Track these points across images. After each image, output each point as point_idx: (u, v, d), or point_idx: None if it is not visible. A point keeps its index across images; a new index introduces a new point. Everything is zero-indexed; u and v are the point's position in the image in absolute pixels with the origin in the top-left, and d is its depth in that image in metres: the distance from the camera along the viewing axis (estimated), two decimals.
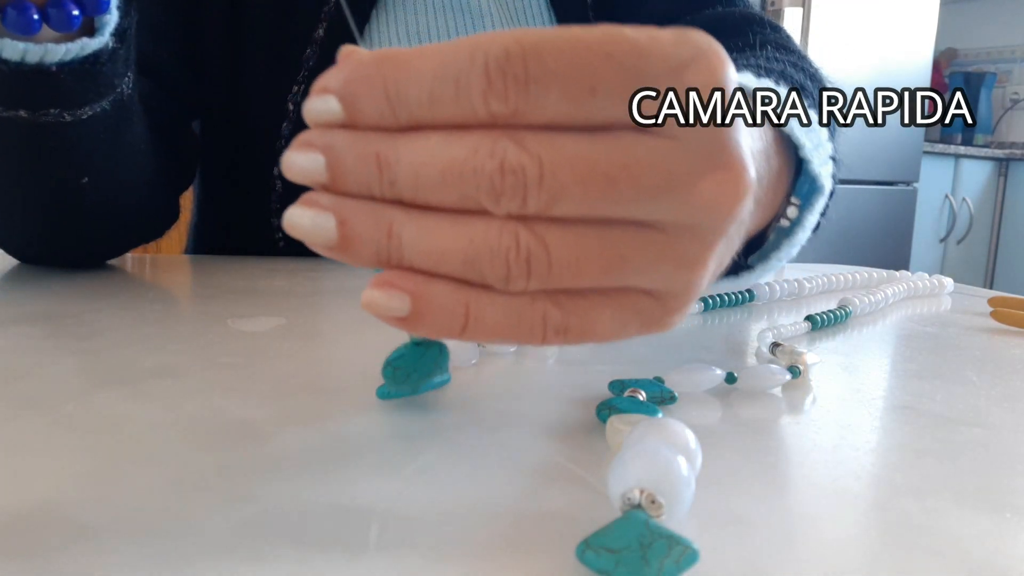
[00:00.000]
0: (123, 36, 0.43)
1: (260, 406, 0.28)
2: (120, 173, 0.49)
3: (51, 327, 0.37)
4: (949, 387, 0.34)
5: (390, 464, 0.23)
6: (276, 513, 0.20)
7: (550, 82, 0.18)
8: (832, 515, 0.21)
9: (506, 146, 0.19)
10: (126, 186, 0.51)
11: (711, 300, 0.48)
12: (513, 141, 0.19)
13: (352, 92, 0.19)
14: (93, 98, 0.43)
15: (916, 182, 2.75)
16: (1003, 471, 0.25)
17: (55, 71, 0.40)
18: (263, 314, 0.42)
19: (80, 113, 0.43)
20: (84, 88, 0.42)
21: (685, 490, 0.19)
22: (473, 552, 0.18)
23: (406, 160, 0.19)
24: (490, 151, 0.19)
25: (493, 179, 0.19)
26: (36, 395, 0.28)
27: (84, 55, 0.41)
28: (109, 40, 0.42)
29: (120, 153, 0.48)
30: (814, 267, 0.69)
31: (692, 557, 0.17)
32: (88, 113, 0.43)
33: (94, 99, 0.43)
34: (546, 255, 0.19)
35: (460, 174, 0.19)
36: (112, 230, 0.53)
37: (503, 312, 0.20)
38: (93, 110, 0.43)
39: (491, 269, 0.20)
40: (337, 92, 0.19)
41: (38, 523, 0.19)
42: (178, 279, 0.56)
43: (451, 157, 0.19)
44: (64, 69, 0.40)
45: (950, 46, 3.62)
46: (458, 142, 0.19)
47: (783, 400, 0.31)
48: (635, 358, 0.37)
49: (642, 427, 0.22)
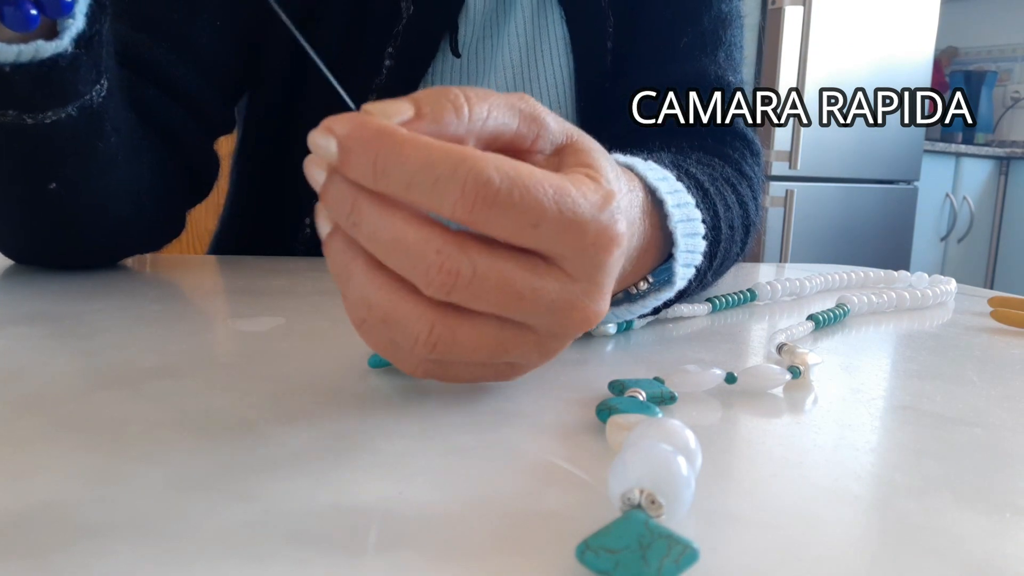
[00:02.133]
0: (89, 43, 0.42)
1: (260, 406, 0.28)
2: (95, 182, 0.48)
3: (51, 327, 0.37)
4: (949, 387, 0.34)
5: (390, 464, 0.23)
6: (276, 513, 0.20)
7: (509, 211, 0.23)
8: (832, 515, 0.21)
9: (451, 249, 0.23)
10: (105, 195, 0.50)
11: (718, 301, 0.48)
12: (457, 246, 0.24)
13: (348, 147, 0.23)
14: (55, 103, 0.42)
15: (917, 181, 2.75)
16: (1003, 471, 0.25)
17: (8, 72, 0.39)
18: (263, 314, 0.42)
19: (42, 117, 0.42)
20: (42, 92, 0.41)
21: (685, 490, 0.19)
22: (473, 552, 0.18)
23: (370, 217, 0.24)
24: (437, 247, 0.23)
25: (430, 270, 0.23)
26: (36, 395, 0.28)
27: (40, 59, 0.40)
28: (69, 46, 0.41)
29: (93, 162, 0.47)
30: (813, 267, 0.69)
31: (692, 557, 0.17)
32: (51, 118, 0.42)
33: (56, 104, 0.42)
34: (452, 341, 0.25)
35: (406, 251, 0.23)
36: (93, 238, 0.52)
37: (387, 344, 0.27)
38: (57, 115, 0.43)
39: (403, 337, 0.25)
40: (337, 140, 0.23)
41: (38, 523, 0.19)
42: (178, 279, 0.56)
43: (404, 234, 0.23)
44: (18, 71, 0.40)
45: (951, 45, 3.62)
46: (415, 227, 0.23)
47: (783, 400, 0.31)
48: (635, 358, 0.37)
49: (642, 427, 0.22)
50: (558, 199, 0.24)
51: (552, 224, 0.24)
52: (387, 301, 0.25)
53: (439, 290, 0.24)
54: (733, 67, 0.66)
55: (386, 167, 0.23)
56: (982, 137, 3.41)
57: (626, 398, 0.28)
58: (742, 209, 0.50)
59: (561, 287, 0.25)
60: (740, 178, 0.54)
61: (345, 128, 0.23)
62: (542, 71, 0.68)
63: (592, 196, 0.25)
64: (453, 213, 0.23)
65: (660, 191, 0.37)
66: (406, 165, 0.23)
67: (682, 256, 0.39)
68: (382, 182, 0.23)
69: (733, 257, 0.51)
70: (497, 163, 0.23)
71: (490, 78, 0.67)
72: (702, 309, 0.47)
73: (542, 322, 0.26)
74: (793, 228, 2.38)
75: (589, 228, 0.25)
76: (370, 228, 0.24)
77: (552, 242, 0.24)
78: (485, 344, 0.26)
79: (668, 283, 0.39)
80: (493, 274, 0.24)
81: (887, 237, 2.69)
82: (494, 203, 0.23)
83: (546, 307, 0.25)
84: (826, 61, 2.32)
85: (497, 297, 0.24)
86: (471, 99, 0.25)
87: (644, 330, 0.43)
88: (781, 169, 2.34)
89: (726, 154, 0.57)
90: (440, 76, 0.66)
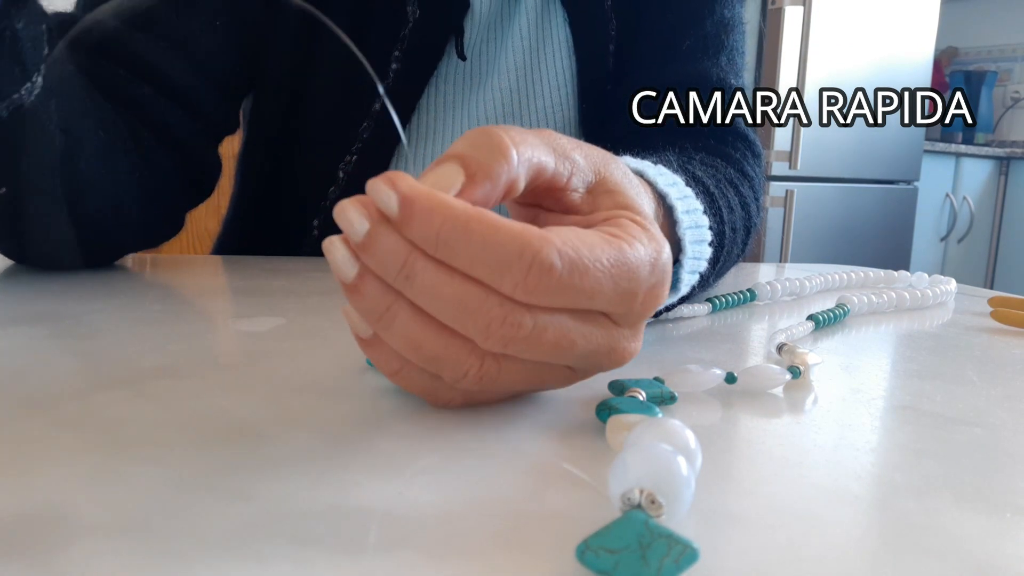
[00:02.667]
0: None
1: (260, 406, 0.28)
2: (49, 180, 0.48)
3: (51, 327, 0.37)
4: (949, 387, 0.34)
5: (390, 464, 0.23)
6: (276, 513, 0.20)
7: (568, 290, 0.24)
8: (832, 515, 0.21)
9: (512, 305, 0.24)
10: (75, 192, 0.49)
11: (718, 301, 0.48)
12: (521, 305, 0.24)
13: (411, 211, 0.23)
14: None
15: (917, 181, 2.75)
16: (1003, 471, 0.25)
17: None
18: (263, 314, 0.42)
19: None
20: None
21: (685, 490, 0.19)
22: (473, 552, 0.18)
23: (427, 275, 0.23)
24: (499, 302, 0.23)
25: (491, 324, 0.23)
26: (36, 395, 0.28)
27: None
28: None
29: (39, 160, 0.47)
30: (813, 267, 0.69)
31: (692, 557, 0.17)
32: None
33: None
34: (496, 378, 0.25)
35: (465, 307, 0.23)
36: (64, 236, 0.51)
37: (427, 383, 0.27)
38: None
39: (450, 372, 0.25)
40: (399, 198, 0.23)
41: (38, 523, 0.19)
42: (178, 279, 0.56)
43: (466, 293, 0.23)
44: None
45: (951, 45, 3.62)
46: (475, 285, 0.23)
47: (783, 400, 0.31)
48: (635, 358, 0.37)
49: (642, 427, 0.22)
50: (614, 271, 0.25)
51: (607, 298, 0.25)
52: (439, 339, 0.24)
53: (497, 343, 0.24)
54: (735, 71, 0.67)
55: (450, 241, 0.23)
56: (982, 137, 3.41)
57: (626, 398, 0.28)
58: (744, 211, 0.50)
59: (606, 333, 0.26)
60: (742, 179, 0.54)
61: (408, 188, 0.23)
62: (545, 73, 0.68)
63: (645, 259, 0.26)
64: (513, 293, 0.23)
65: (670, 197, 0.38)
66: (472, 243, 0.23)
67: (689, 263, 0.39)
68: (443, 252, 0.23)
69: (734, 258, 0.51)
70: (560, 246, 0.23)
71: (494, 80, 0.67)
72: (702, 309, 0.47)
73: (583, 363, 0.27)
74: (793, 228, 2.38)
75: (640, 293, 0.26)
76: (427, 284, 0.23)
77: (603, 306, 0.25)
78: (525, 378, 0.27)
79: (673, 289, 0.39)
80: (551, 329, 0.24)
81: (887, 237, 2.69)
82: (556, 288, 0.23)
83: (591, 351, 0.26)
84: (826, 61, 2.32)
85: (553, 347, 0.25)
86: (517, 142, 0.25)
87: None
88: (781, 169, 2.34)
89: (728, 154, 0.57)
90: (445, 79, 0.66)
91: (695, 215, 0.40)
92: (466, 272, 0.23)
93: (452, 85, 0.66)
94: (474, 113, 0.66)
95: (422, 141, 0.66)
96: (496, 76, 0.67)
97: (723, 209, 0.44)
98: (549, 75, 0.68)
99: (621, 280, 0.25)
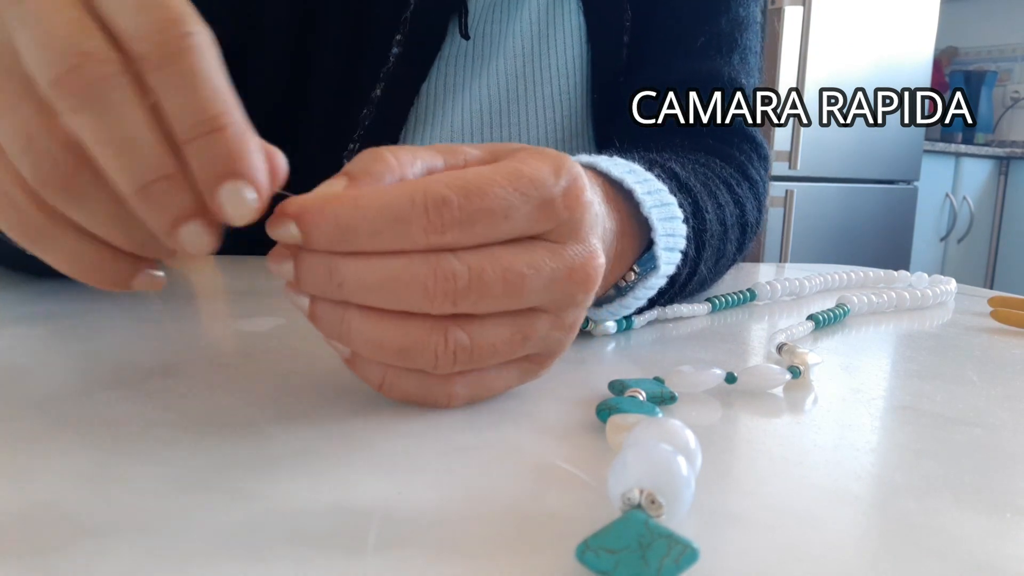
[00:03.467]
0: None
1: (260, 406, 0.28)
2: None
3: (51, 327, 0.37)
4: (949, 387, 0.34)
5: (390, 464, 0.23)
6: (276, 512, 0.20)
7: (477, 217, 0.24)
8: (832, 515, 0.21)
9: (439, 258, 0.24)
10: None
11: (718, 301, 0.48)
12: (444, 253, 0.24)
13: (308, 222, 0.24)
14: None
15: (916, 181, 2.75)
16: (1003, 471, 0.25)
17: None
18: (263, 314, 0.42)
19: None
20: None
21: (685, 490, 0.19)
22: (473, 552, 0.18)
23: (352, 271, 0.24)
24: (424, 261, 0.24)
25: (427, 283, 0.24)
26: (36, 395, 0.28)
27: None
28: None
29: None
30: (813, 267, 0.69)
31: (692, 557, 0.17)
32: None
33: None
34: (469, 346, 0.26)
35: (399, 280, 0.24)
36: None
37: (416, 384, 0.27)
38: None
39: (422, 358, 0.25)
40: (294, 217, 0.24)
41: (38, 523, 0.19)
42: (178, 279, 0.56)
43: (391, 268, 0.24)
44: None
45: (951, 44, 3.62)
46: (397, 258, 0.24)
47: (783, 400, 0.31)
48: (635, 358, 0.37)
49: (642, 427, 0.22)
50: (515, 184, 0.25)
51: (520, 208, 0.25)
52: (397, 330, 0.25)
53: (444, 300, 0.24)
54: (747, 71, 0.65)
55: (349, 224, 0.24)
56: (982, 137, 3.41)
57: (626, 398, 0.28)
58: (738, 208, 0.50)
59: (553, 255, 0.26)
60: (741, 179, 0.54)
61: (297, 207, 0.24)
62: (553, 60, 0.67)
63: (543, 167, 0.26)
64: (427, 240, 0.24)
65: (627, 182, 0.38)
66: (367, 214, 0.23)
67: (662, 240, 0.39)
68: (351, 239, 0.24)
69: (730, 256, 0.50)
70: (446, 179, 0.24)
71: (499, 63, 0.65)
72: (702, 309, 0.47)
73: (550, 297, 0.26)
74: (793, 228, 2.38)
75: (554, 194, 0.26)
76: (356, 279, 0.24)
77: (528, 223, 0.25)
78: (502, 338, 0.26)
79: (654, 269, 0.39)
80: (488, 264, 0.25)
81: (887, 237, 2.69)
82: (461, 216, 0.24)
83: (548, 279, 0.26)
84: (826, 61, 2.32)
85: (502, 286, 0.25)
86: (394, 150, 0.26)
87: (644, 330, 0.43)
88: (781, 169, 2.34)
89: (731, 155, 0.57)
90: (447, 61, 0.64)
91: (659, 195, 0.39)
92: (376, 246, 0.24)
93: (455, 67, 0.65)
94: (476, 97, 0.65)
95: (426, 126, 0.64)
96: (501, 59, 0.65)
97: (701, 194, 0.44)
98: (558, 62, 0.66)
99: (527, 189, 0.25)
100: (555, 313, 0.27)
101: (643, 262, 0.39)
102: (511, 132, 0.65)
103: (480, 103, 0.65)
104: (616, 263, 0.37)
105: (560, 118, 0.66)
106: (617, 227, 0.36)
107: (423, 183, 0.24)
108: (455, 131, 0.63)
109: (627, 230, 0.38)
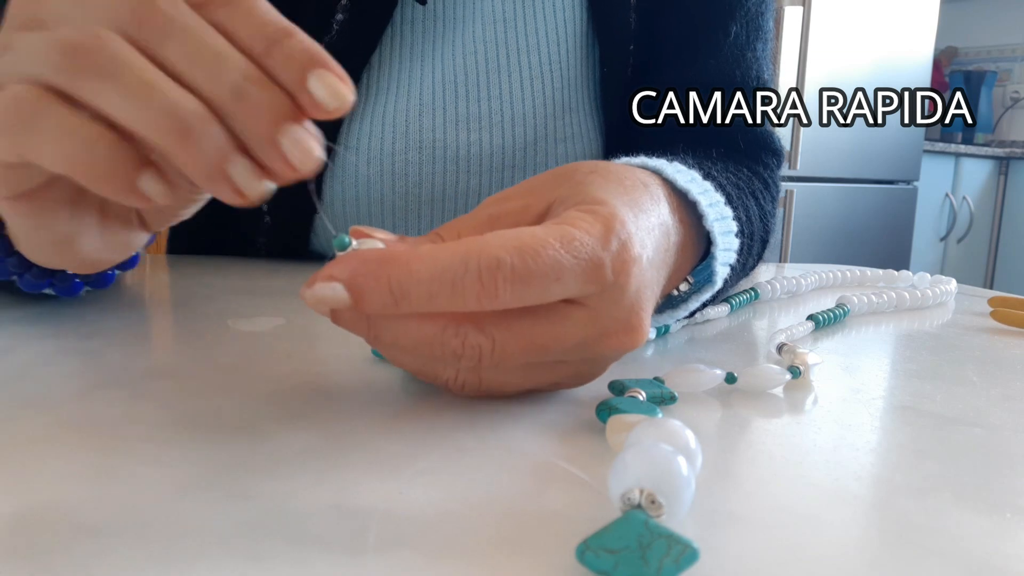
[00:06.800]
0: None
1: (260, 406, 0.28)
2: None
3: (51, 327, 0.37)
4: (949, 387, 0.34)
5: (390, 464, 0.23)
6: (276, 513, 0.20)
7: (530, 281, 0.24)
8: (832, 515, 0.21)
9: (467, 329, 0.25)
10: None
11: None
12: (472, 324, 0.25)
13: (359, 286, 0.24)
14: None
15: (916, 181, 2.75)
16: (1003, 471, 0.25)
17: None
18: (263, 314, 0.42)
19: None
20: None
21: (685, 490, 0.19)
22: (473, 552, 0.18)
23: (388, 332, 0.25)
24: (454, 332, 0.25)
25: (455, 353, 0.25)
26: (36, 395, 0.28)
27: None
28: None
29: None
30: (813, 267, 0.69)
31: (692, 556, 0.17)
32: None
33: None
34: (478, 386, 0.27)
35: (430, 346, 0.25)
36: None
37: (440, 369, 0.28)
38: None
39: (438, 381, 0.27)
40: (345, 284, 0.24)
41: (38, 523, 0.19)
42: (177, 279, 0.56)
43: (423, 334, 0.25)
44: None
45: (950, 44, 3.62)
46: (430, 324, 0.25)
47: (783, 400, 0.31)
48: (635, 358, 0.37)
49: (642, 427, 0.22)
50: (567, 248, 0.25)
51: (574, 274, 0.25)
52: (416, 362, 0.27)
53: (468, 361, 0.25)
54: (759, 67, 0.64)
55: (403, 289, 0.23)
56: (982, 137, 3.41)
57: (626, 398, 0.28)
58: (762, 223, 0.49)
59: (584, 325, 0.26)
60: (764, 192, 0.52)
61: (347, 271, 0.24)
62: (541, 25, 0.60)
63: (594, 229, 0.26)
64: (480, 304, 0.24)
65: (692, 192, 0.37)
66: (421, 279, 0.23)
67: (721, 255, 0.39)
68: (404, 304, 0.24)
69: (749, 268, 0.50)
70: (500, 241, 0.24)
71: (474, 27, 0.58)
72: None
73: (572, 357, 0.27)
74: (793, 228, 2.38)
75: (603, 259, 0.25)
76: (391, 339, 0.25)
77: (577, 286, 0.25)
78: (514, 379, 0.28)
79: (708, 282, 0.39)
80: (512, 339, 0.25)
81: (887, 237, 2.69)
82: (513, 280, 0.24)
83: (573, 346, 0.26)
84: (826, 61, 2.32)
85: (523, 356, 0.26)
86: None
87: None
88: (781, 169, 2.34)
89: (757, 170, 0.56)
90: (403, 26, 0.57)
91: (718, 207, 0.39)
92: (430, 309, 0.24)
93: (412, 33, 0.58)
94: (449, 66, 0.58)
95: (388, 96, 0.57)
96: (479, 24, 0.59)
97: (742, 210, 0.44)
98: (547, 28, 0.60)
99: (579, 252, 0.25)
100: (574, 365, 0.28)
101: (698, 273, 0.39)
102: (491, 105, 0.59)
103: (453, 72, 0.58)
104: (674, 275, 0.36)
105: (551, 90, 0.61)
106: (681, 240, 0.35)
107: (478, 244, 0.24)
108: (424, 102, 0.58)
109: (688, 242, 0.37)
